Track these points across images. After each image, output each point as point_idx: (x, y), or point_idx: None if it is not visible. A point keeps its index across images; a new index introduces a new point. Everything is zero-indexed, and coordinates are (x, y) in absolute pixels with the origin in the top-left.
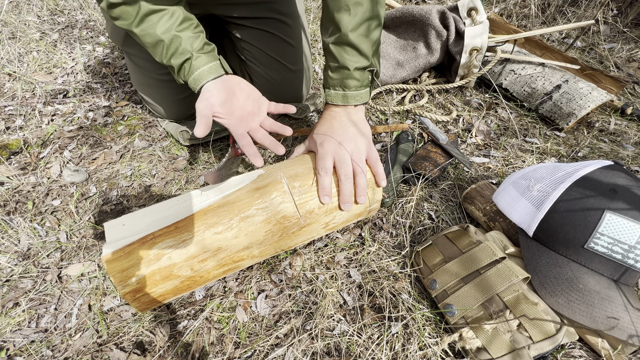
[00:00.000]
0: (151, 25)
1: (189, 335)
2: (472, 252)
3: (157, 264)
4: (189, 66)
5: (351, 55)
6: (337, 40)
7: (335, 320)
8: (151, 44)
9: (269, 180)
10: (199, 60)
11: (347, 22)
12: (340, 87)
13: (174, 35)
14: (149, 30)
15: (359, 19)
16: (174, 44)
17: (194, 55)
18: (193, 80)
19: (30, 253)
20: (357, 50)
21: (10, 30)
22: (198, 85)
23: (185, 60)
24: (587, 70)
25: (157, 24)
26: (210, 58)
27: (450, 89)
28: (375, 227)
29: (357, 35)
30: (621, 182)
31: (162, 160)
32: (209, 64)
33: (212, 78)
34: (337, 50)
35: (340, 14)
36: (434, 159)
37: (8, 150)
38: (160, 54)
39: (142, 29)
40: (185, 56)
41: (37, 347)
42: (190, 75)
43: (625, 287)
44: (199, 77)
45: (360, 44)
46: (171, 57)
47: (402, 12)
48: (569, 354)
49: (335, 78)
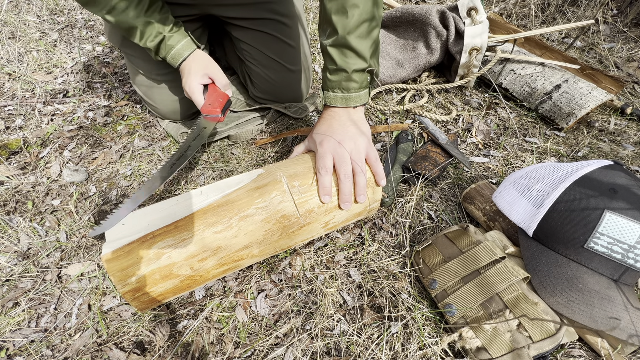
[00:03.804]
0: (121, 11)
1: (189, 335)
2: (472, 252)
3: (157, 263)
4: (165, 46)
5: (349, 58)
6: (334, 42)
7: (335, 320)
8: (125, 30)
9: (269, 179)
10: (173, 40)
11: (344, 24)
12: (340, 89)
13: (146, 20)
14: (121, 17)
15: (356, 21)
16: (149, 30)
17: (167, 37)
18: (172, 58)
19: (30, 253)
20: (355, 52)
21: (10, 30)
22: (178, 61)
23: (161, 42)
24: (587, 70)
25: (127, 11)
26: (182, 36)
27: (450, 89)
28: (375, 227)
29: (354, 37)
30: (621, 182)
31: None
32: (182, 42)
33: (188, 54)
34: (335, 52)
35: (338, 17)
36: (434, 159)
37: (8, 150)
38: (136, 38)
39: (114, 16)
40: (160, 38)
41: (37, 347)
42: (168, 53)
43: (626, 287)
44: (177, 54)
45: (358, 46)
46: (147, 41)
47: (402, 12)
48: (569, 354)
49: (334, 80)
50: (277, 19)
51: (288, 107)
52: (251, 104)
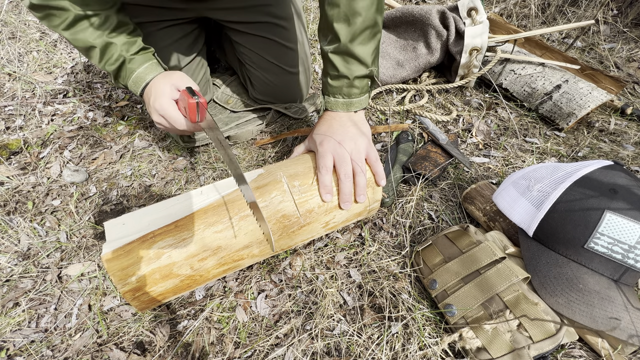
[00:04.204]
0: (81, 30)
1: (189, 335)
2: (472, 252)
3: (157, 262)
4: (125, 70)
5: (351, 65)
6: (336, 49)
7: (335, 320)
8: (83, 48)
9: (269, 179)
10: (135, 62)
11: (347, 32)
12: (341, 94)
13: (107, 41)
14: (78, 35)
15: (359, 28)
16: (109, 51)
17: (127, 58)
18: (133, 83)
19: (30, 253)
20: (357, 59)
21: (10, 30)
22: (140, 86)
23: (121, 65)
24: (587, 70)
25: (87, 29)
26: (145, 59)
27: (450, 89)
28: (375, 227)
29: (356, 44)
30: (621, 182)
31: (162, 160)
32: (144, 64)
33: (152, 78)
34: (336, 59)
35: (339, 24)
36: (434, 159)
37: (8, 150)
38: (94, 58)
39: (71, 33)
40: (119, 60)
41: (37, 347)
42: (129, 78)
43: (626, 287)
44: (138, 78)
45: (360, 52)
46: (105, 64)
47: (402, 12)
48: (569, 354)
49: (336, 86)
50: (275, 22)
51: (288, 107)
52: (251, 104)
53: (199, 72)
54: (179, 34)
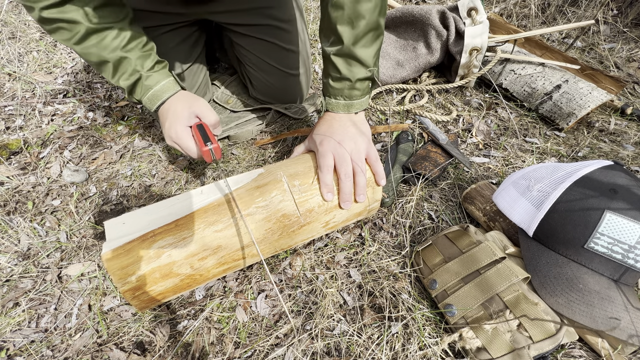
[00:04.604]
0: (94, 44)
1: (189, 335)
2: (472, 252)
3: (157, 261)
4: (141, 86)
5: (354, 67)
6: (339, 52)
7: (335, 320)
8: (95, 63)
9: (269, 178)
10: (152, 79)
11: (350, 35)
12: (342, 96)
13: (121, 56)
14: (91, 49)
15: (362, 31)
16: (123, 65)
17: (143, 76)
18: (148, 100)
19: (30, 253)
20: (359, 62)
21: (10, 30)
22: (155, 104)
23: (137, 81)
24: (587, 70)
25: (100, 43)
26: (163, 75)
27: (450, 89)
28: (375, 227)
29: (359, 47)
30: (621, 182)
31: (162, 160)
32: (162, 82)
33: (168, 96)
34: (338, 61)
35: (343, 27)
36: (434, 159)
37: (8, 150)
38: (107, 73)
39: (83, 48)
40: (135, 77)
41: (37, 347)
42: (144, 95)
43: (625, 287)
44: (154, 96)
45: (363, 55)
46: (120, 78)
47: (402, 12)
48: (569, 354)
49: (337, 88)
50: (276, 25)
51: (288, 108)
52: (251, 104)
53: (199, 74)
54: (180, 37)
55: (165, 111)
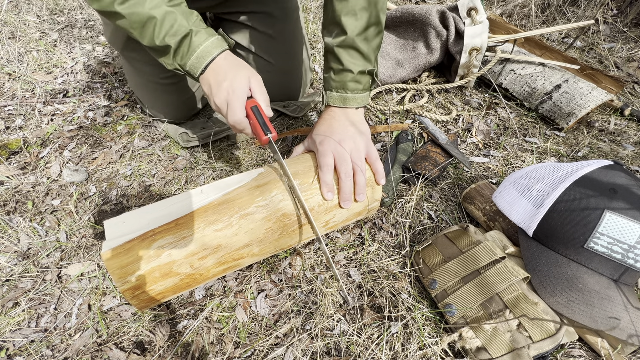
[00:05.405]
0: (138, 2)
1: (189, 335)
2: (472, 252)
3: (157, 261)
4: (189, 43)
5: (356, 59)
6: (342, 43)
7: (335, 320)
8: (140, 23)
9: (270, 178)
10: (200, 36)
11: (354, 26)
12: (343, 89)
13: (167, 11)
14: (135, 8)
15: (365, 23)
16: (169, 21)
17: (193, 31)
18: (197, 59)
19: (30, 253)
20: (361, 54)
21: (10, 30)
22: (203, 63)
23: (184, 37)
24: (587, 70)
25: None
26: (210, 32)
27: (450, 89)
28: (375, 227)
29: (362, 39)
30: (621, 182)
31: (162, 160)
32: (210, 38)
33: (218, 53)
34: (342, 53)
35: (348, 18)
36: (434, 159)
37: (8, 150)
38: (151, 34)
39: (127, 7)
40: (184, 32)
41: (37, 347)
42: (192, 54)
43: (625, 287)
44: (204, 53)
45: (365, 48)
46: (166, 36)
47: (402, 12)
48: (569, 354)
49: (338, 81)
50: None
51: (286, 106)
52: None
53: None
54: None
55: (216, 74)
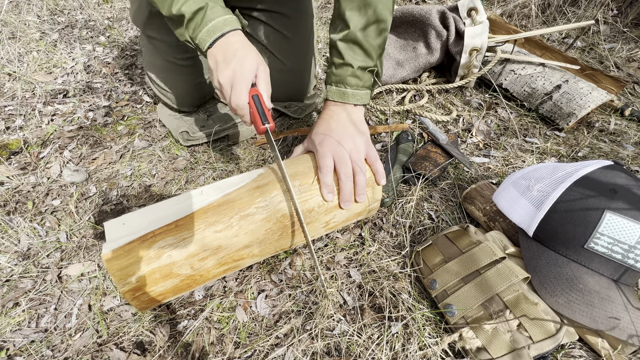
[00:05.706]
0: None
1: (189, 335)
2: (472, 252)
3: (157, 262)
4: (203, 15)
5: (356, 54)
6: (344, 37)
7: (335, 320)
8: None
9: (269, 179)
10: (214, 11)
11: (357, 20)
12: (342, 83)
13: None
14: None
15: (369, 19)
16: None
17: (209, 5)
18: (207, 32)
19: (30, 253)
20: (362, 49)
21: (10, 30)
22: (213, 36)
23: (199, 9)
24: (587, 70)
25: None
26: (225, 10)
27: (450, 89)
28: (375, 227)
29: (364, 34)
30: (621, 182)
31: (162, 160)
32: (224, 15)
33: (229, 29)
34: (343, 47)
35: (352, 12)
36: (434, 159)
37: (8, 150)
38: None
39: None
40: (200, 4)
41: (37, 347)
42: (204, 27)
43: (625, 287)
44: (214, 28)
45: (367, 43)
46: (182, 5)
47: (402, 12)
48: (569, 354)
49: (338, 75)
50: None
51: (287, 106)
52: None
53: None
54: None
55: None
